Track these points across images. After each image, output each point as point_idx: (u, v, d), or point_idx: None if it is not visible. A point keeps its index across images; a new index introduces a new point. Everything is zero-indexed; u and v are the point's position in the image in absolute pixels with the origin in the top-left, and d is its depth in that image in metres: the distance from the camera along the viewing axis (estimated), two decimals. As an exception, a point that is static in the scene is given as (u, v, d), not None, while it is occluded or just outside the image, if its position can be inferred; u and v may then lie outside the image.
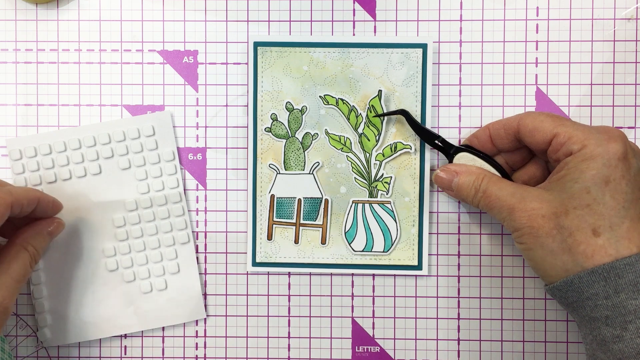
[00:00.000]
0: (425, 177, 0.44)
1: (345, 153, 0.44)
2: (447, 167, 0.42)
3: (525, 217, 0.36)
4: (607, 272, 0.33)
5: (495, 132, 0.41)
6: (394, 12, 0.45)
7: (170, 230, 0.45)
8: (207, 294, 0.46)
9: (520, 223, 0.36)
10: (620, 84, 0.45)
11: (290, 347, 0.46)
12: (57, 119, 0.46)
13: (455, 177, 0.41)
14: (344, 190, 0.44)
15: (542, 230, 0.35)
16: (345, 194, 0.44)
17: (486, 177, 0.39)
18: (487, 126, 0.42)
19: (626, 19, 0.45)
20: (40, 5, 0.45)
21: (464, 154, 0.42)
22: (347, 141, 0.44)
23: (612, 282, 0.33)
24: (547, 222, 0.35)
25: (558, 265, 0.35)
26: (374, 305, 0.46)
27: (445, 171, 0.42)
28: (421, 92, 0.44)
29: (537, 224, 0.36)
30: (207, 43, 0.45)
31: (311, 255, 0.45)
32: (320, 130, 0.44)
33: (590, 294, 0.34)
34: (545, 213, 0.35)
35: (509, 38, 0.45)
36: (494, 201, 0.38)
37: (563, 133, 0.37)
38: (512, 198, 0.37)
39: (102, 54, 0.45)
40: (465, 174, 0.40)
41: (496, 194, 0.38)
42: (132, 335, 0.46)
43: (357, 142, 0.44)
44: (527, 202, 0.36)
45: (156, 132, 0.45)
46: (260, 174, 0.45)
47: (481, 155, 0.41)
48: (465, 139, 0.43)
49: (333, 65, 0.44)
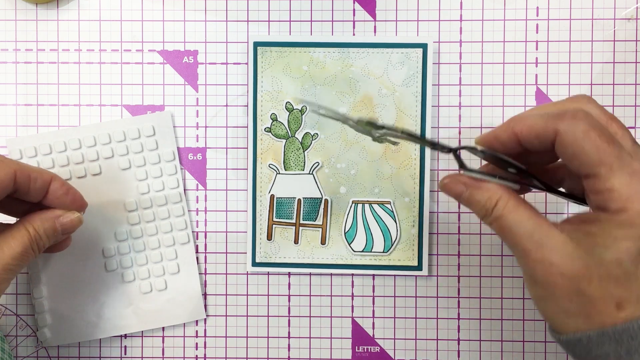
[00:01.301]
0: (425, 177, 0.44)
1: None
2: (454, 176, 0.34)
3: (541, 269, 0.30)
4: (619, 335, 0.29)
5: (526, 141, 0.31)
6: (394, 12, 0.45)
7: (170, 231, 0.45)
8: (207, 294, 0.46)
9: (534, 273, 0.30)
10: (620, 84, 0.45)
11: (290, 347, 0.46)
12: (57, 119, 0.46)
13: (464, 190, 0.33)
14: (344, 191, 0.44)
15: (559, 290, 0.30)
16: (345, 194, 0.44)
17: (502, 200, 0.31)
18: (512, 126, 0.32)
19: (626, 19, 0.45)
20: (40, 5, 0.45)
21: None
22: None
23: (624, 344, 0.29)
24: (566, 283, 0.30)
25: (570, 323, 0.31)
26: (374, 305, 0.46)
27: (452, 180, 0.34)
28: (421, 92, 0.44)
29: (553, 281, 0.30)
30: (207, 43, 0.45)
31: (311, 255, 0.45)
32: (321, 130, 0.44)
33: (601, 352, 0.30)
34: (566, 272, 0.30)
35: (509, 38, 0.45)
36: (507, 234, 0.31)
37: (604, 179, 0.29)
38: (528, 240, 0.30)
39: (102, 54, 0.45)
40: (476, 189, 0.32)
41: (510, 227, 0.31)
42: (132, 335, 0.46)
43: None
44: (545, 251, 0.30)
45: (156, 132, 0.45)
46: (260, 174, 0.45)
47: (501, 162, 0.33)
48: (480, 138, 0.33)
49: (333, 65, 0.44)
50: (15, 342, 0.45)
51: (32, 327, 0.45)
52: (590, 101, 0.31)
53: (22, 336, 0.46)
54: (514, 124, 0.31)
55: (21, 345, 0.46)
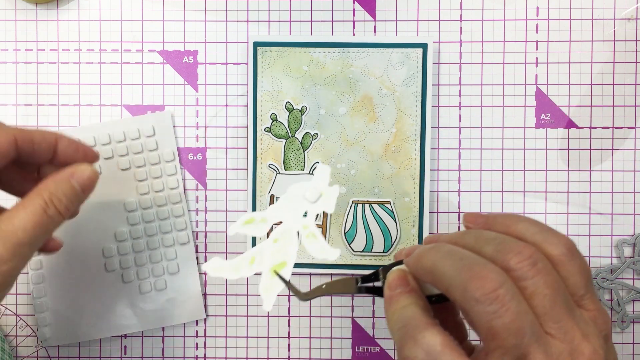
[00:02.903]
0: (425, 177, 0.44)
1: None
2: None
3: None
4: None
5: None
6: (394, 12, 0.45)
7: (170, 231, 0.45)
8: (207, 294, 0.46)
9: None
10: (620, 84, 0.45)
11: (290, 347, 0.46)
12: (57, 119, 0.46)
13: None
14: (344, 191, 0.44)
15: None
16: (345, 194, 0.44)
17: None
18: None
19: (626, 19, 0.45)
20: (40, 5, 0.45)
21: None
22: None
23: None
24: None
25: None
26: (374, 305, 0.46)
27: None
28: (421, 92, 0.44)
29: None
30: (207, 43, 0.45)
31: (311, 255, 0.45)
32: (321, 130, 0.44)
33: None
34: None
35: (509, 38, 0.45)
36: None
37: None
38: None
39: (102, 54, 0.45)
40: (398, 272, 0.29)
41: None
42: (132, 335, 0.46)
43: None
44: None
45: (156, 132, 0.45)
46: (260, 174, 0.45)
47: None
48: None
49: (333, 65, 0.44)
50: (15, 342, 0.45)
51: (32, 327, 0.45)
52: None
53: (22, 336, 0.46)
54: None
55: (21, 345, 0.46)
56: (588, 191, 0.45)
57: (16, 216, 0.30)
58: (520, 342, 0.23)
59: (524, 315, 0.23)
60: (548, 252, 0.26)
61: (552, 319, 0.24)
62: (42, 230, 0.31)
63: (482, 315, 0.23)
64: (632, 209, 0.45)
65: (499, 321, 0.23)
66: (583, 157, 0.45)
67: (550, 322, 0.24)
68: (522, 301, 0.24)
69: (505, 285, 0.24)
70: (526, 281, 0.24)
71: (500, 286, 0.23)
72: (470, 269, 0.24)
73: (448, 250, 0.26)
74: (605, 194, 0.45)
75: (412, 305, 0.27)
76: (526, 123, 0.45)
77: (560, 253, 0.26)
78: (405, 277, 0.29)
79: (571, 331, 0.24)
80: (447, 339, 0.25)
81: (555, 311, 0.24)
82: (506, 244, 0.25)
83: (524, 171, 0.45)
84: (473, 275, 0.24)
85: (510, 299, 0.23)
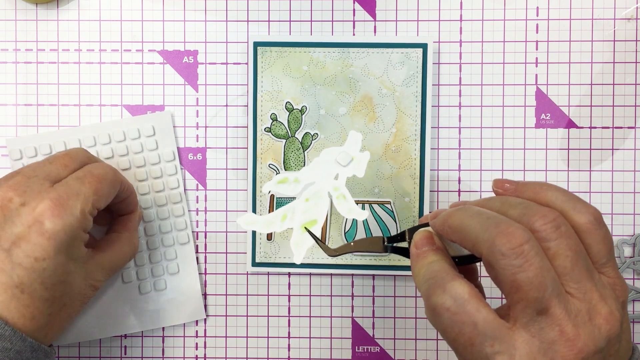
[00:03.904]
0: (425, 177, 0.44)
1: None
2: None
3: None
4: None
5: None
6: (394, 12, 0.45)
7: (170, 231, 0.45)
8: (207, 294, 0.46)
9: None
10: (620, 84, 0.45)
11: (290, 347, 0.46)
12: (57, 119, 0.46)
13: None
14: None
15: None
16: (345, 194, 0.44)
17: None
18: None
19: (626, 19, 0.45)
20: (40, 5, 0.45)
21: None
22: None
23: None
24: None
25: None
26: (374, 305, 0.46)
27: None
28: (421, 92, 0.44)
29: None
30: (207, 43, 0.45)
31: (311, 255, 0.45)
32: (321, 130, 0.44)
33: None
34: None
35: (509, 38, 0.45)
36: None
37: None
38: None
39: (102, 54, 0.45)
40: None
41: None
42: (132, 335, 0.46)
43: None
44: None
45: (156, 132, 0.45)
46: (260, 174, 0.45)
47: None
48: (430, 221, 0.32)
49: (333, 65, 0.44)
50: (15, 342, 0.45)
51: (32, 327, 0.45)
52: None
53: (22, 336, 0.45)
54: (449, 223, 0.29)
55: (21, 345, 0.45)
56: (588, 191, 0.45)
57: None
58: (542, 295, 0.25)
59: (547, 272, 0.25)
60: (575, 219, 0.27)
61: (572, 279, 0.26)
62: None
63: (507, 269, 0.25)
64: (632, 209, 0.45)
65: (523, 275, 0.25)
66: (583, 157, 0.45)
67: (571, 282, 0.26)
68: (544, 258, 0.25)
69: (530, 242, 0.25)
70: (549, 242, 0.26)
71: (525, 242, 0.25)
72: (497, 226, 0.26)
73: (476, 211, 0.28)
74: (605, 194, 0.45)
75: (439, 260, 0.29)
76: (526, 123, 0.45)
77: (587, 221, 0.27)
78: (432, 237, 0.31)
79: (590, 292, 0.26)
80: (474, 290, 0.27)
81: (575, 272, 0.26)
82: (531, 208, 0.27)
83: (524, 171, 0.45)
84: (500, 231, 0.25)
85: (534, 255, 0.25)
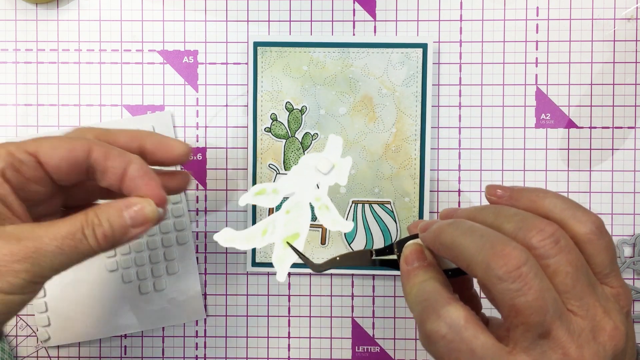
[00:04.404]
0: (425, 177, 0.44)
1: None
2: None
3: None
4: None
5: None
6: (394, 12, 0.45)
7: (170, 231, 0.45)
8: (207, 294, 0.46)
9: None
10: (620, 84, 0.45)
11: (290, 347, 0.46)
12: (57, 119, 0.46)
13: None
14: (344, 191, 0.44)
15: None
16: (345, 194, 0.44)
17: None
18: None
19: (626, 19, 0.45)
20: (40, 5, 0.45)
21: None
22: None
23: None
24: None
25: None
26: (374, 305, 0.46)
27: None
28: (421, 92, 0.44)
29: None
30: (207, 43, 0.45)
31: (311, 255, 0.45)
32: (321, 130, 0.44)
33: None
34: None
35: (509, 38, 0.45)
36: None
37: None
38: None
39: (102, 54, 0.45)
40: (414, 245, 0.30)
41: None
42: (132, 335, 0.46)
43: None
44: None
45: (156, 132, 0.45)
46: (260, 174, 0.45)
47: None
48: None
49: (333, 65, 0.44)
50: (15, 342, 0.45)
51: (32, 327, 0.45)
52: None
53: (22, 336, 0.46)
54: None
55: (21, 345, 0.46)
56: (588, 191, 0.45)
57: (53, 224, 0.28)
58: (543, 319, 0.23)
59: (547, 293, 0.24)
60: (576, 229, 0.26)
61: (574, 296, 0.24)
62: (70, 246, 0.28)
63: (505, 293, 0.24)
64: (632, 209, 0.45)
65: (522, 299, 0.23)
66: (583, 157, 0.45)
67: (573, 299, 0.24)
68: (544, 279, 0.24)
69: (529, 263, 0.24)
70: (548, 259, 0.24)
71: (523, 264, 0.23)
72: (493, 247, 0.24)
73: (469, 227, 0.26)
74: (605, 194, 0.45)
75: (431, 279, 0.27)
76: (526, 123, 0.45)
77: (588, 231, 0.26)
78: (422, 250, 0.29)
79: (593, 308, 0.24)
80: (470, 314, 0.25)
81: (577, 289, 0.24)
82: (528, 222, 0.25)
83: (524, 171, 0.45)
84: (496, 252, 0.24)
85: (533, 277, 0.23)
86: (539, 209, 0.27)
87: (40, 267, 0.28)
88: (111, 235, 0.29)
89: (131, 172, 0.30)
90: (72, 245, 0.28)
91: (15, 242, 0.27)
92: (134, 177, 0.30)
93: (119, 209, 0.30)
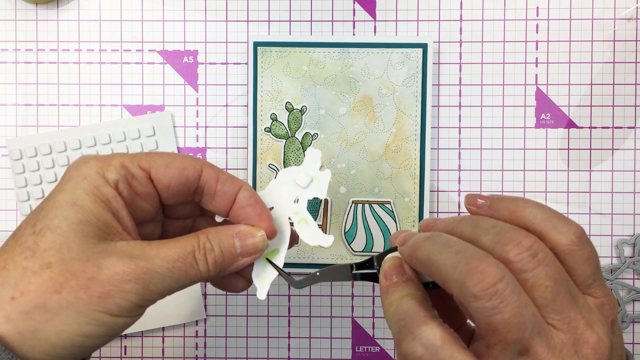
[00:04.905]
0: (425, 177, 0.44)
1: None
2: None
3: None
4: None
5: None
6: (394, 12, 0.45)
7: (170, 230, 0.45)
8: (207, 294, 0.46)
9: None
10: (620, 84, 0.45)
11: (290, 347, 0.46)
12: (57, 119, 0.46)
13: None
14: (344, 191, 0.45)
15: None
16: (345, 194, 0.44)
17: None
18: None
19: (626, 19, 0.45)
20: (40, 5, 0.45)
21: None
22: None
23: None
24: None
25: None
26: (374, 305, 0.46)
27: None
28: (421, 92, 0.44)
29: None
30: (207, 43, 0.45)
31: (311, 255, 0.45)
32: (320, 130, 0.44)
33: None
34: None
35: (509, 38, 0.45)
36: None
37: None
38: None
39: (102, 54, 0.45)
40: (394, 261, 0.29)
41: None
42: (132, 335, 0.46)
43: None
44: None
45: (156, 132, 0.45)
46: (260, 174, 0.45)
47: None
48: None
49: (333, 65, 0.44)
50: (15, 342, 0.45)
51: (32, 327, 0.45)
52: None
53: (22, 336, 0.45)
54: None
55: (21, 345, 0.45)
56: (588, 191, 0.45)
57: (164, 244, 0.27)
58: (521, 336, 0.23)
59: (525, 309, 0.23)
60: (556, 240, 0.25)
61: (554, 310, 0.24)
62: (180, 270, 0.27)
63: (481, 311, 0.23)
64: (632, 209, 0.45)
65: (498, 317, 0.23)
66: (583, 157, 0.45)
67: (553, 313, 0.24)
68: (522, 294, 0.23)
69: (505, 279, 0.23)
70: (526, 273, 0.24)
71: (499, 280, 0.23)
72: (468, 263, 0.23)
73: (445, 242, 0.25)
74: (605, 194, 0.45)
75: (409, 296, 0.27)
76: (526, 123, 0.45)
77: (569, 242, 0.25)
78: (401, 264, 0.28)
79: (574, 321, 0.24)
80: (447, 333, 0.24)
81: (557, 302, 0.24)
82: (505, 234, 0.24)
83: (524, 171, 0.45)
84: (471, 269, 0.23)
85: (509, 294, 0.23)
86: (518, 219, 0.26)
87: (149, 290, 0.27)
88: (221, 262, 0.28)
89: (242, 199, 0.29)
90: (182, 269, 0.27)
91: (128, 260, 0.26)
92: (245, 204, 0.29)
93: (231, 235, 0.29)
